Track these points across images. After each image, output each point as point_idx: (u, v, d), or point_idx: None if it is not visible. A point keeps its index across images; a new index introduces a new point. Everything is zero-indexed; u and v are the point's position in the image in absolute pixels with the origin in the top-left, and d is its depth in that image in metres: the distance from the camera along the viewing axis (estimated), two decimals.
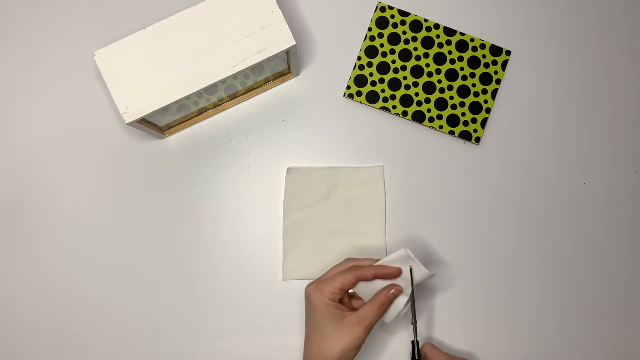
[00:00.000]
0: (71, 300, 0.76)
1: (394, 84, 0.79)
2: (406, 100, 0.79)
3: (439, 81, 0.79)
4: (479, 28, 0.80)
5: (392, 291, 0.63)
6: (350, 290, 0.65)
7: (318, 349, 0.61)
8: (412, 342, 0.66)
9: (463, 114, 0.79)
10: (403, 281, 0.65)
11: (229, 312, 0.76)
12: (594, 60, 0.80)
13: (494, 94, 0.79)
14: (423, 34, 0.80)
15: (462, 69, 0.79)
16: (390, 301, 0.64)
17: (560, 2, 0.81)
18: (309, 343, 0.63)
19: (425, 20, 0.80)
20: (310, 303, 0.63)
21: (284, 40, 0.68)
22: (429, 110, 0.79)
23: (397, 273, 0.64)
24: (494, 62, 0.79)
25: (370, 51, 0.80)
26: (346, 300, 0.66)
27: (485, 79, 0.79)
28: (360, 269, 0.63)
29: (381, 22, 0.80)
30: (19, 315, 0.76)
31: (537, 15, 0.81)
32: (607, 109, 0.80)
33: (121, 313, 0.76)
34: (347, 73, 0.80)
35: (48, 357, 0.76)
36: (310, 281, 0.66)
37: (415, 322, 0.65)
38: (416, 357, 0.65)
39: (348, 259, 0.66)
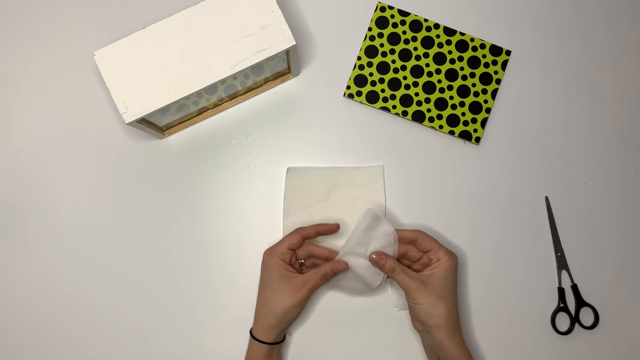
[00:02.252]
0: (71, 299, 0.76)
1: (394, 84, 0.79)
2: (406, 100, 0.79)
3: (439, 81, 0.79)
4: (479, 28, 0.80)
5: (337, 266, 0.70)
6: (301, 260, 0.72)
7: (266, 304, 0.69)
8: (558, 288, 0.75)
9: (463, 114, 0.79)
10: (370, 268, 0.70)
11: (229, 312, 0.76)
12: (594, 60, 0.80)
13: (494, 94, 0.79)
14: (423, 33, 0.80)
15: (462, 68, 0.79)
16: (333, 273, 0.69)
17: (560, 2, 0.81)
18: (259, 300, 0.71)
19: (425, 20, 0.80)
20: (264, 264, 0.71)
21: (284, 40, 0.68)
22: (429, 110, 0.79)
23: (336, 228, 0.72)
24: (494, 62, 0.79)
25: (370, 51, 0.80)
26: (298, 267, 0.72)
27: (485, 79, 0.79)
28: (305, 228, 0.71)
29: (381, 22, 0.80)
30: (17, 315, 0.76)
31: (537, 15, 0.81)
32: (606, 109, 0.80)
33: (120, 313, 0.76)
34: (347, 73, 0.80)
35: (44, 356, 0.76)
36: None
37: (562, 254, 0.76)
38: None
39: (298, 227, 0.72)
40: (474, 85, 0.79)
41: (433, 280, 0.66)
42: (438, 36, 0.80)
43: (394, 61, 0.79)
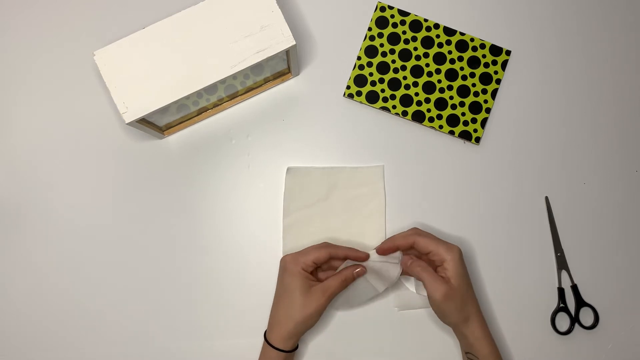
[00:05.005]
0: (71, 299, 0.76)
1: (394, 84, 0.79)
2: (406, 100, 0.79)
3: (439, 81, 0.79)
4: (479, 28, 0.80)
5: (357, 270, 0.70)
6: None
7: (285, 312, 0.68)
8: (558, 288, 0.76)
9: (463, 114, 0.79)
10: (382, 279, 0.71)
11: (228, 312, 0.76)
12: (594, 60, 0.80)
13: (494, 94, 0.79)
14: (423, 33, 0.80)
15: (462, 68, 0.79)
16: (353, 278, 0.70)
17: (560, 2, 0.81)
18: (276, 306, 0.70)
19: (425, 20, 0.80)
20: (285, 270, 0.69)
21: (284, 40, 0.68)
22: (429, 110, 0.79)
23: (365, 257, 0.71)
24: (494, 62, 0.79)
25: (370, 51, 0.80)
26: (318, 275, 0.72)
27: (485, 78, 0.79)
28: (334, 247, 0.70)
29: (381, 22, 0.80)
30: (17, 315, 0.76)
31: (537, 15, 0.81)
32: (606, 109, 0.80)
33: (120, 313, 0.76)
34: (347, 73, 0.80)
35: (43, 357, 0.76)
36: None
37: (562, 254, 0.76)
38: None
39: (325, 242, 0.72)
40: (474, 85, 0.79)
41: (446, 281, 0.66)
42: (438, 36, 0.80)
43: (394, 61, 0.79)
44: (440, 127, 0.78)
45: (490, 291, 0.76)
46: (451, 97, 0.79)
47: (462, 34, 0.80)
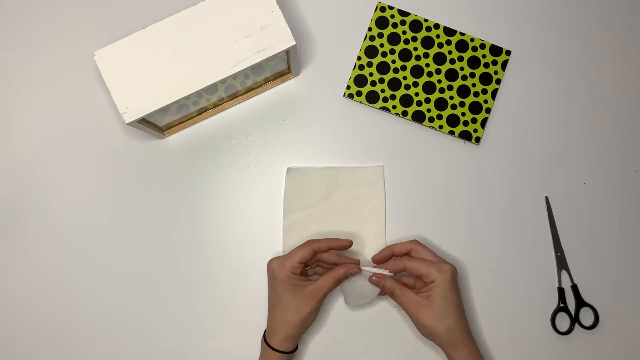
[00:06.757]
0: (71, 299, 0.76)
1: (394, 84, 0.79)
2: (406, 100, 0.79)
3: (439, 81, 0.79)
4: (479, 28, 0.80)
5: (349, 270, 0.69)
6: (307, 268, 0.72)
7: (282, 318, 0.68)
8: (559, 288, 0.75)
9: (463, 114, 0.79)
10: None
11: (228, 312, 0.76)
12: (594, 60, 0.80)
13: (494, 94, 0.79)
14: (423, 34, 0.80)
15: (462, 69, 0.79)
16: (345, 276, 0.69)
17: (560, 2, 0.81)
18: (273, 314, 0.70)
19: (425, 20, 0.80)
20: (274, 277, 0.69)
21: (284, 40, 0.68)
22: (429, 110, 0.79)
23: (349, 245, 0.71)
24: (494, 62, 0.79)
25: (370, 51, 0.80)
26: (304, 273, 0.72)
27: (485, 79, 0.79)
28: (317, 242, 0.70)
29: (381, 22, 0.80)
30: (17, 315, 0.76)
31: (537, 15, 0.81)
32: (606, 109, 0.80)
33: (120, 313, 0.76)
34: (347, 73, 0.80)
35: (43, 357, 0.76)
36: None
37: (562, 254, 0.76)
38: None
39: (309, 240, 0.71)
40: (474, 85, 0.79)
41: (431, 303, 0.66)
42: (438, 36, 0.80)
43: (394, 61, 0.79)
44: (440, 127, 0.78)
45: (490, 291, 0.76)
46: (451, 97, 0.79)
47: (462, 34, 0.80)
